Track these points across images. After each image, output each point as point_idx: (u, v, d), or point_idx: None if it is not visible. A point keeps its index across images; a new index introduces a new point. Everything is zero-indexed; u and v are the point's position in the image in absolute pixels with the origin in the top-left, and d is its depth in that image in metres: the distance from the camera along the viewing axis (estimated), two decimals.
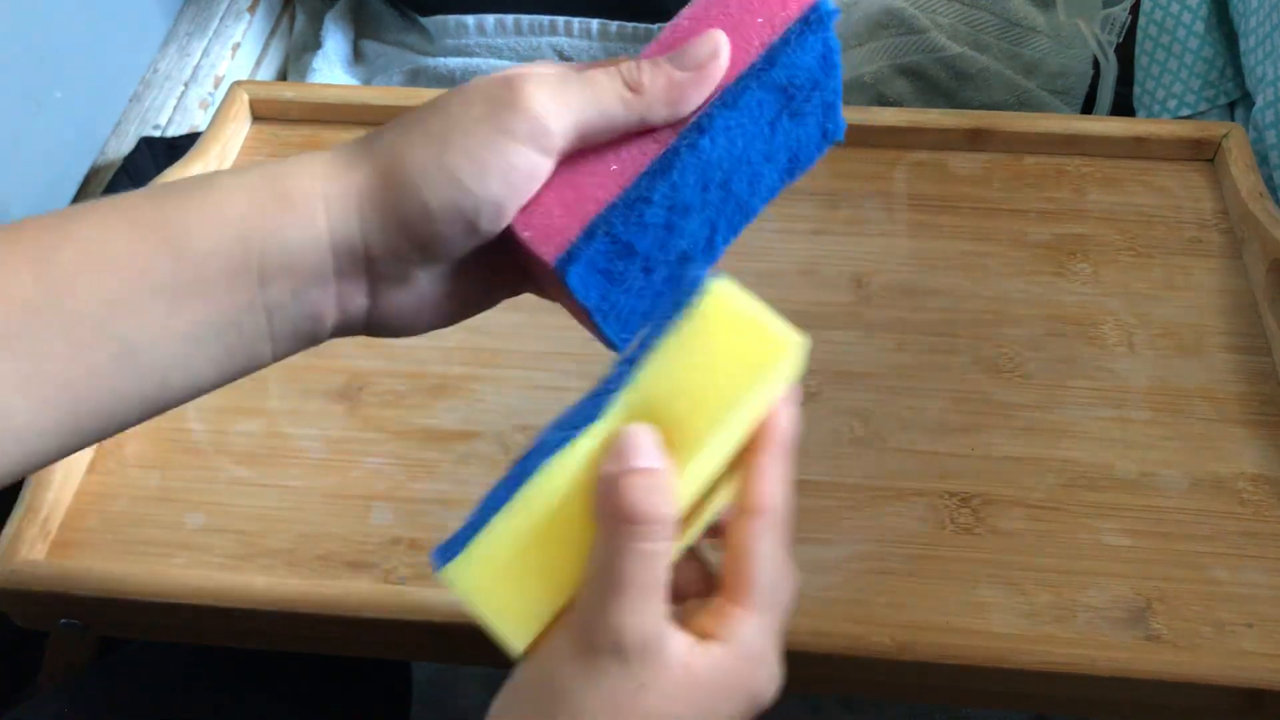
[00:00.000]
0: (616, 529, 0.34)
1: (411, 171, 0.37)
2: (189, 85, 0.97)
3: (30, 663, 0.65)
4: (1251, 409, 0.64)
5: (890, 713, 0.82)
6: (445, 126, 0.38)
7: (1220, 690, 0.53)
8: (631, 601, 0.34)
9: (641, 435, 0.36)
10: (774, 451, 0.38)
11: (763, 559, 0.37)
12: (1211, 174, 0.76)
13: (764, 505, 0.37)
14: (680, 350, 0.37)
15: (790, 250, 0.72)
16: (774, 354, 0.37)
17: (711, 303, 0.37)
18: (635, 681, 0.35)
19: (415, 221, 0.38)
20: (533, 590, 0.36)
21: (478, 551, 0.36)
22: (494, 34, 1.02)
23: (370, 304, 0.40)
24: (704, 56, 0.39)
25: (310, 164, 0.39)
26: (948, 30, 0.95)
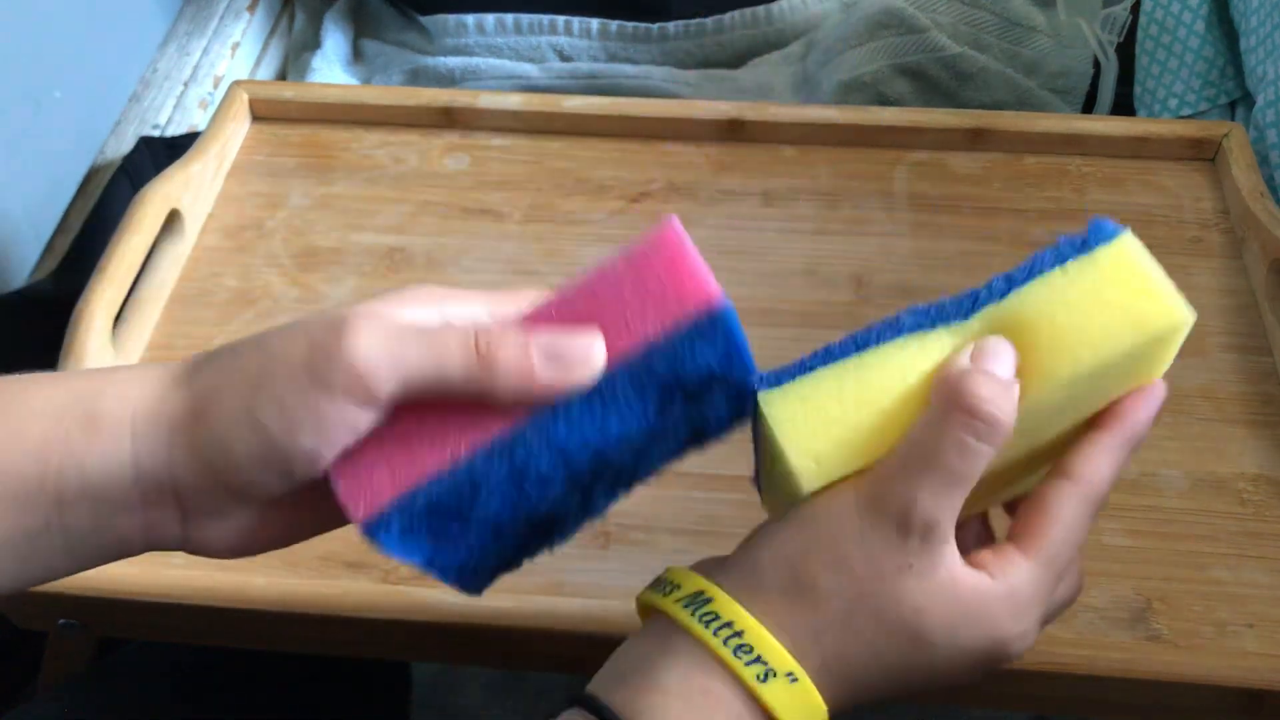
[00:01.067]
0: (951, 413, 0.35)
1: (221, 417, 0.36)
2: (188, 85, 0.97)
3: (29, 663, 0.65)
4: (1252, 409, 0.64)
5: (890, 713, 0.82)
6: (262, 368, 0.36)
7: (1221, 690, 0.53)
8: (937, 483, 0.35)
9: (1003, 346, 0.36)
10: (1117, 433, 0.37)
11: (1060, 520, 0.36)
12: (1212, 173, 0.76)
13: (1082, 474, 0.37)
14: (1066, 286, 0.36)
15: (790, 250, 0.72)
16: (1157, 319, 0.35)
17: (1112, 251, 0.36)
18: (905, 558, 0.35)
19: (223, 468, 0.36)
20: (839, 443, 0.36)
21: (801, 388, 0.36)
22: (494, 33, 1.02)
23: (182, 532, 0.38)
24: (574, 357, 0.36)
25: (125, 384, 0.37)
26: (948, 30, 0.95)
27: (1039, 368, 0.36)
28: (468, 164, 0.78)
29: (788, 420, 0.36)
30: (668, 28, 1.01)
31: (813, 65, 0.99)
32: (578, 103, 0.79)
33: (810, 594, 0.36)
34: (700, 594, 0.36)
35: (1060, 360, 0.35)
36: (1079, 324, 0.35)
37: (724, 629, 0.35)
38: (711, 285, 0.37)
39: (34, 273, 0.83)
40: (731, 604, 0.36)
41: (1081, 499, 0.37)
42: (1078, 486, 0.37)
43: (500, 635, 0.55)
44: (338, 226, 0.74)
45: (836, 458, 0.36)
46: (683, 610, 0.36)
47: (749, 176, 0.76)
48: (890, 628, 0.36)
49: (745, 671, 0.35)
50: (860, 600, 0.35)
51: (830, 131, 0.77)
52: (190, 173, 0.73)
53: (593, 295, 0.37)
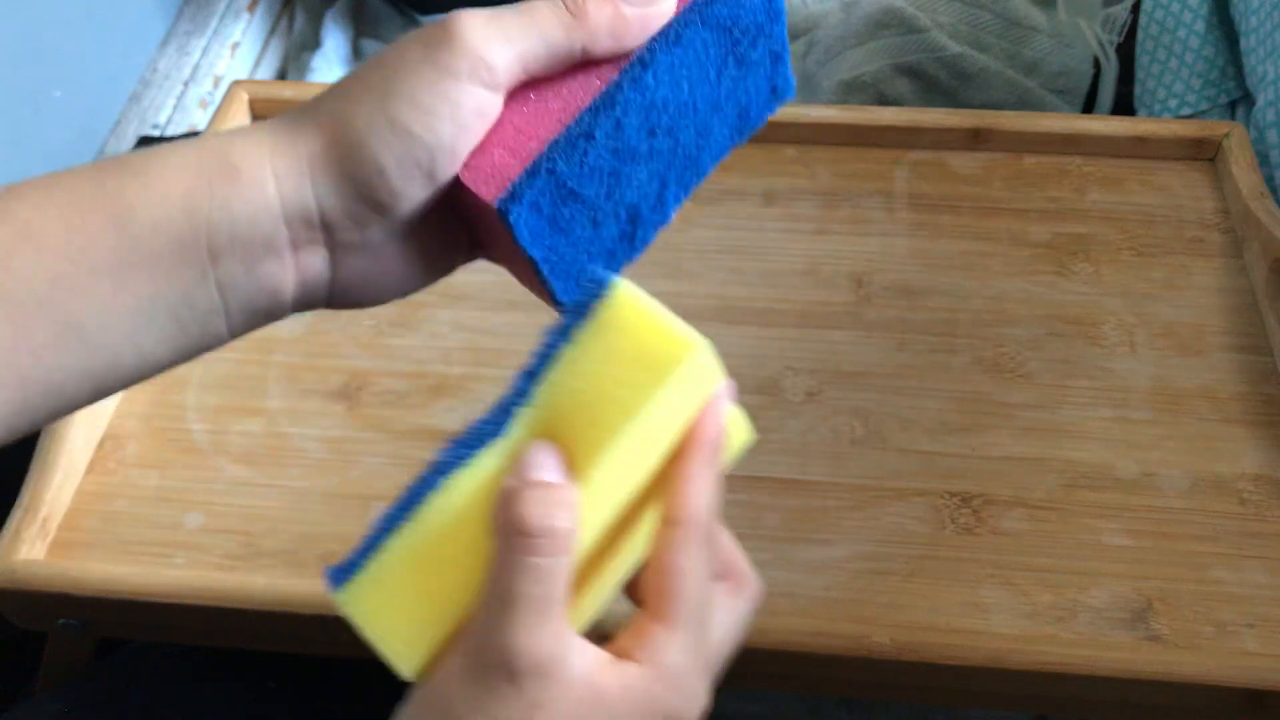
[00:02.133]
0: (510, 543, 0.33)
1: (358, 130, 0.36)
2: (188, 84, 0.97)
3: (29, 663, 0.65)
4: (1252, 409, 0.64)
5: (890, 713, 0.82)
6: (386, 76, 0.37)
7: (1221, 690, 0.53)
8: (524, 619, 0.33)
9: (539, 451, 0.34)
10: (696, 458, 0.36)
11: (684, 573, 0.35)
12: (1212, 173, 0.76)
13: (684, 515, 0.35)
14: (580, 359, 0.35)
15: (790, 250, 0.72)
16: (674, 358, 0.34)
17: (610, 308, 0.35)
18: (527, 702, 0.33)
19: (370, 180, 0.37)
20: (427, 613, 0.35)
21: (374, 573, 0.35)
22: None
23: (330, 273, 0.38)
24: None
25: (257, 133, 0.37)
26: (948, 30, 0.95)
27: (589, 447, 0.35)
28: None
29: (369, 614, 0.36)
30: None
31: (813, 65, 0.98)
32: None
33: None
34: None
35: (603, 434, 0.34)
36: (604, 392, 0.35)
37: None
38: None
39: None
40: None
41: (692, 541, 0.35)
42: (683, 529, 0.35)
43: None
44: None
45: (433, 629, 0.35)
46: None
47: (749, 176, 0.76)
48: None
49: None
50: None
51: (830, 131, 0.77)
52: None
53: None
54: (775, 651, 0.54)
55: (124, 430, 0.65)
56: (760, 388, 0.66)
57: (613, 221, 0.40)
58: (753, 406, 0.65)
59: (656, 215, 0.41)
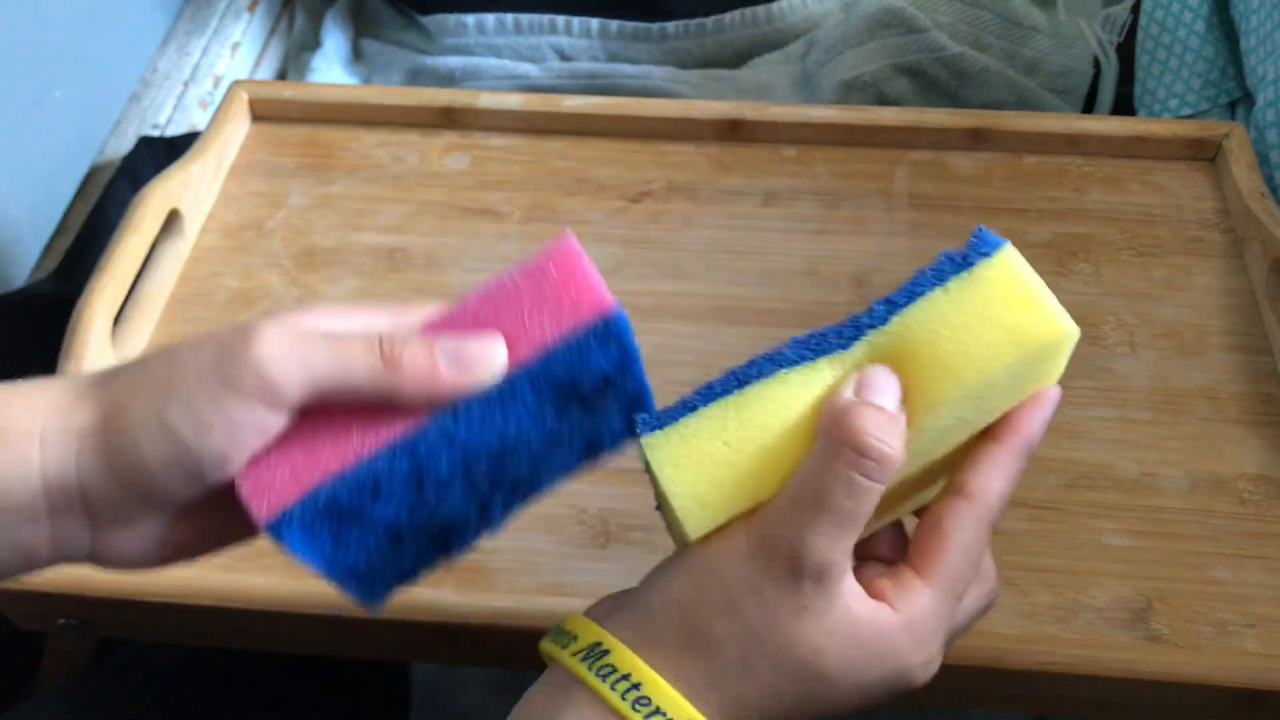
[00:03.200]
0: (838, 451, 0.34)
1: (131, 422, 0.36)
2: (188, 84, 0.97)
3: (29, 663, 0.65)
4: (1252, 409, 0.64)
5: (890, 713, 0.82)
6: (170, 374, 0.36)
7: (1221, 690, 0.53)
8: (827, 524, 0.34)
9: (885, 376, 0.35)
10: (1010, 445, 0.37)
11: (957, 542, 0.36)
12: (1213, 173, 0.76)
13: (976, 491, 0.36)
14: (947, 305, 0.35)
15: (790, 250, 0.72)
16: (1041, 335, 0.35)
17: (992, 268, 0.35)
18: (800, 601, 0.35)
19: (133, 474, 0.36)
20: (727, 486, 0.36)
21: (684, 429, 0.36)
22: (494, 33, 1.02)
23: (90, 543, 0.38)
24: (476, 357, 0.37)
25: (35, 396, 0.37)
26: (948, 29, 0.95)
27: (925, 391, 0.35)
28: (468, 164, 0.78)
29: (671, 463, 0.36)
30: (668, 27, 1.01)
31: (813, 65, 0.98)
32: (578, 103, 0.79)
33: (706, 642, 0.35)
34: (597, 645, 0.36)
35: (946, 383, 0.35)
36: (962, 345, 0.35)
37: (621, 681, 0.35)
38: (606, 294, 0.38)
39: (34, 273, 0.83)
40: (628, 656, 0.35)
41: (976, 517, 0.36)
42: (972, 504, 0.36)
43: (500, 635, 0.55)
44: (337, 226, 0.74)
45: (723, 499, 0.36)
46: (580, 664, 0.36)
47: (749, 176, 0.76)
48: (789, 670, 0.35)
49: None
50: (756, 646, 0.35)
51: (830, 131, 0.77)
52: (190, 173, 0.73)
53: (492, 304, 0.38)
54: None
55: None
56: None
57: (421, 538, 0.39)
58: None
59: (478, 529, 0.39)
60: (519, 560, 0.58)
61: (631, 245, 0.73)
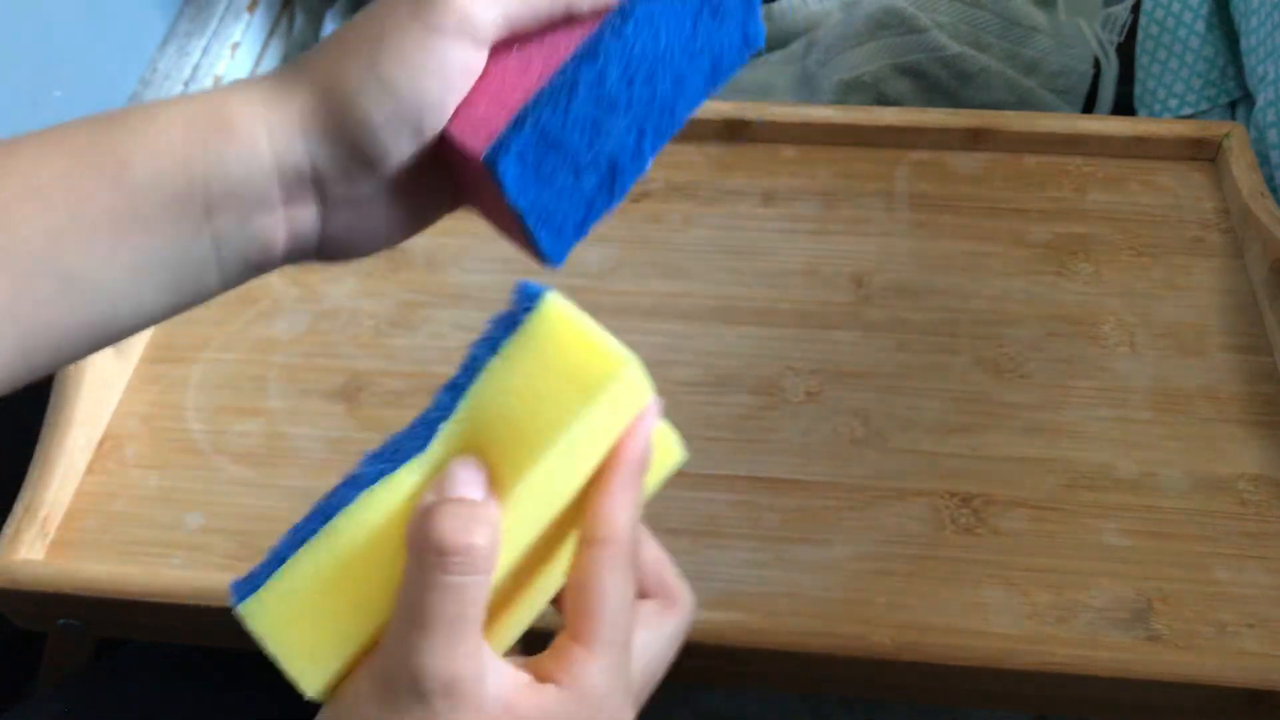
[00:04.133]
0: (423, 560, 0.32)
1: (348, 87, 0.37)
2: (188, 85, 0.97)
3: (29, 663, 0.65)
4: (1252, 409, 0.64)
5: (890, 713, 0.82)
6: (374, 33, 0.37)
7: (1221, 690, 0.53)
8: (436, 638, 0.32)
9: (461, 467, 0.34)
10: (619, 475, 0.35)
11: (605, 594, 0.34)
12: (1213, 173, 0.76)
13: (604, 534, 0.34)
14: (507, 372, 0.34)
15: (790, 250, 0.72)
16: (604, 375, 0.33)
17: (540, 321, 0.34)
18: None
19: (360, 136, 0.37)
20: (334, 631, 0.34)
21: (278, 586, 0.34)
22: None
23: (320, 227, 0.39)
24: None
25: (251, 89, 0.38)
26: (948, 30, 0.95)
27: (514, 464, 0.34)
28: None
29: (274, 628, 0.34)
30: None
31: (813, 65, 0.98)
32: None
33: None
34: None
35: (529, 449, 0.33)
36: (532, 407, 0.34)
37: None
38: None
39: None
40: None
41: (612, 560, 0.34)
42: (604, 549, 0.34)
43: None
44: None
45: (336, 646, 0.34)
46: None
47: (749, 176, 0.76)
48: None
49: None
50: None
51: (830, 131, 0.77)
52: None
53: None
54: (775, 651, 0.54)
55: (124, 430, 0.65)
56: (760, 388, 0.66)
57: (593, 171, 0.40)
58: (753, 406, 0.65)
59: (635, 164, 0.41)
60: None
61: (631, 245, 0.73)
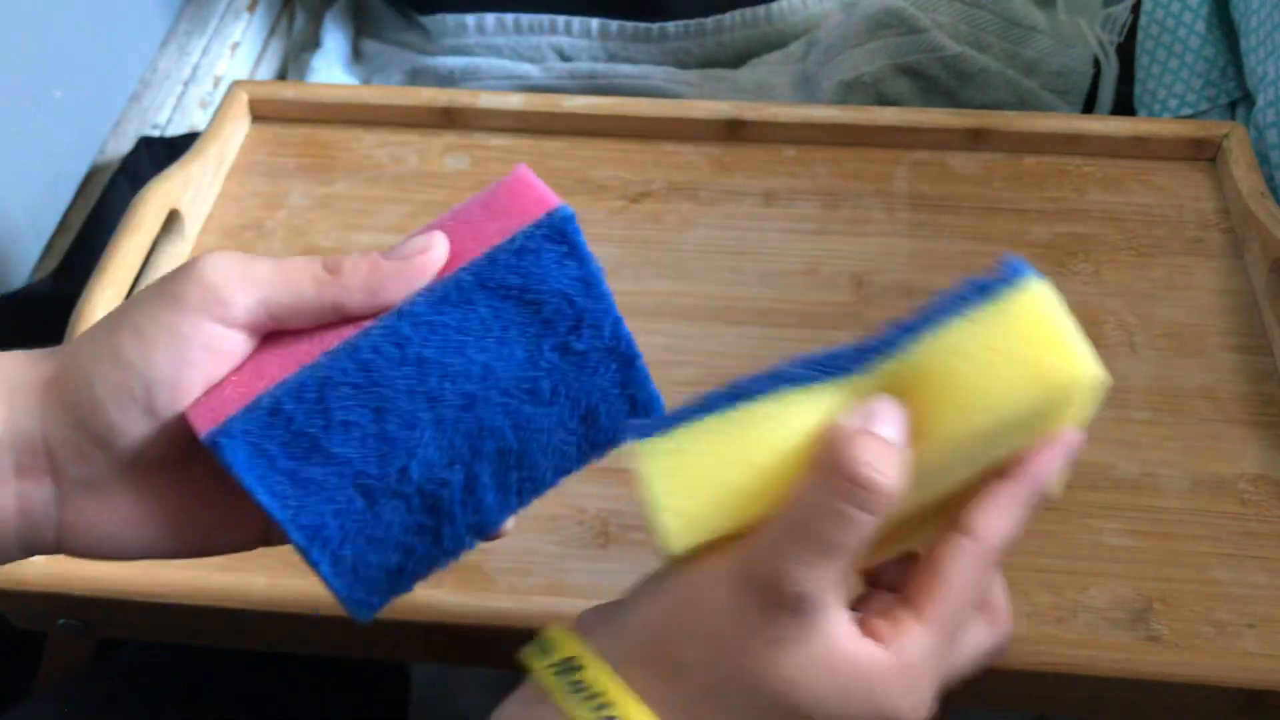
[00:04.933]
0: (830, 480, 0.32)
1: (83, 358, 0.36)
2: (188, 85, 0.97)
3: (29, 663, 0.65)
4: (1252, 409, 0.64)
5: None
6: (122, 309, 0.37)
7: (1221, 691, 0.53)
8: (810, 554, 0.32)
9: (891, 406, 0.34)
10: (1018, 485, 0.35)
11: (954, 582, 0.34)
12: (1213, 173, 0.76)
13: (977, 530, 0.35)
14: (967, 337, 0.33)
15: (790, 250, 0.72)
16: (1064, 378, 0.33)
17: (1020, 302, 0.33)
18: (775, 631, 0.33)
19: (89, 410, 0.36)
20: (714, 503, 0.34)
21: (677, 440, 0.34)
22: (494, 33, 1.02)
23: (58, 511, 0.37)
24: (414, 248, 0.37)
25: (4, 356, 0.38)
26: (948, 30, 0.95)
27: (934, 424, 0.33)
28: (468, 164, 0.78)
29: (659, 475, 0.34)
30: (668, 28, 1.01)
31: (813, 65, 0.98)
32: (578, 103, 0.79)
33: (679, 666, 0.34)
34: (571, 660, 0.35)
35: (957, 419, 0.33)
36: (979, 380, 0.33)
37: (590, 699, 0.34)
38: (554, 199, 0.37)
39: (34, 273, 0.83)
40: (600, 674, 0.34)
41: (976, 557, 0.35)
42: (974, 544, 0.35)
43: (500, 635, 0.55)
44: (338, 226, 0.74)
45: (711, 518, 0.34)
46: (553, 677, 0.35)
47: (749, 176, 0.76)
48: (763, 701, 0.34)
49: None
50: (730, 674, 0.34)
51: (830, 131, 0.77)
52: (190, 173, 0.73)
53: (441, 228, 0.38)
54: None
55: None
56: None
57: (399, 501, 0.37)
58: None
59: (468, 511, 0.38)
60: (519, 561, 0.58)
61: (631, 245, 0.73)
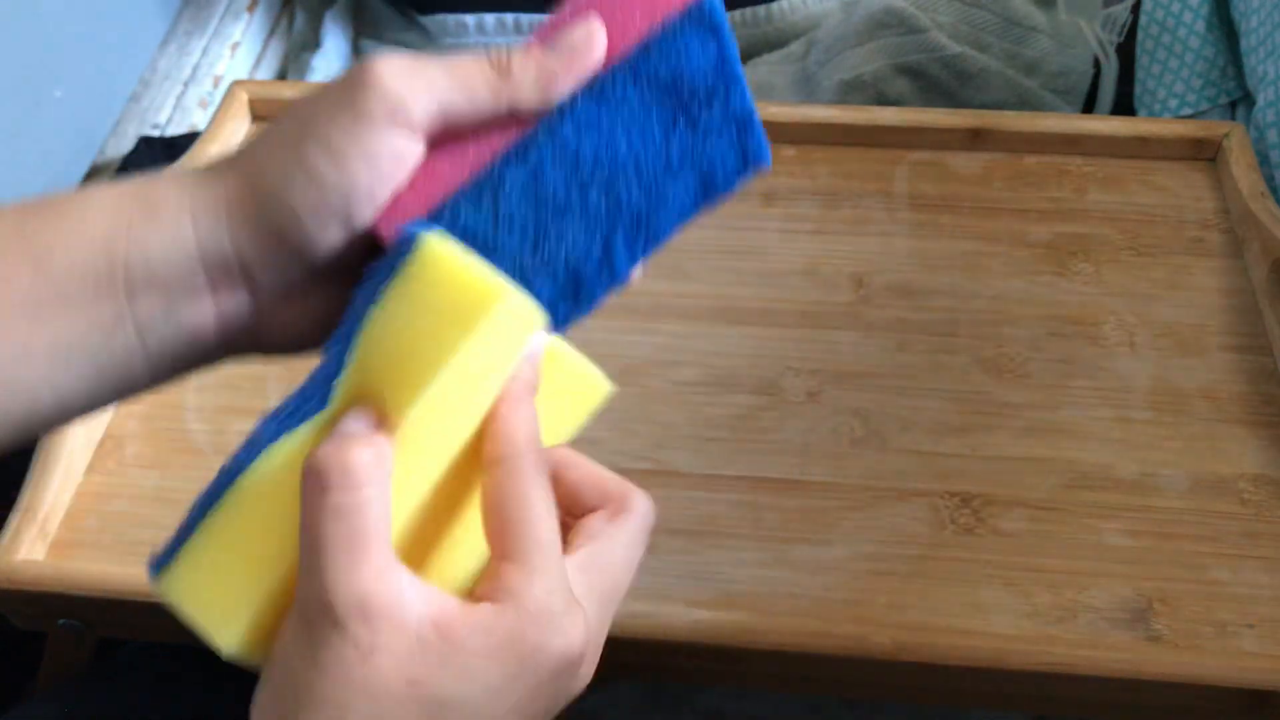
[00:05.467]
0: (308, 490, 0.32)
1: (272, 176, 0.36)
2: (188, 85, 0.97)
3: (29, 663, 0.65)
4: (1252, 409, 0.64)
5: (890, 713, 0.82)
6: (302, 120, 0.36)
7: (1221, 691, 0.53)
8: (334, 560, 0.31)
9: (349, 416, 0.34)
10: (506, 396, 0.35)
11: (518, 506, 0.33)
12: (1213, 173, 0.76)
13: (501, 450, 0.34)
14: (388, 317, 0.34)
15: (790, 250, 0.72)
16: (478, 308, 0.33)
17: (417, 263, 0.34)
18: (359, 648, 0.31)
19: (286, 227, 0.36)
20: (246, 588, 0.34)
21: (190, 556, 0.34)
22: (494, 33, 1.02)
23: (254, 317, 0.37)
24: (577, 42, 0.37)
25: (181, 176, 0.37)
26: (948, 30, 0.95)
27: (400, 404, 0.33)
28: None
29: (188, 594, 0.34)
30: None
31: (813, 65, 0.98)
32: None
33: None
34: None
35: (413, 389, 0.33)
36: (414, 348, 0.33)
37: None
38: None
39: None
40: None
41: (518, 472, 0.34)
42: (505, 464, 0.34)
43: None
44: None
45: (252, 604, 0.34)
46: None
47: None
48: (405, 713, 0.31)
49: None
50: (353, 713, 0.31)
51: (830, 131, 0.77)
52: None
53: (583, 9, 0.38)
54: (775, 651, 0.54)
55: (124, 430, 0.65)
56: (760, 388, 0.66)
57: (547, 278, 0.38)
58: (753, 406, 0.65)
59: (604, 276, 0.39)
60: None
61: None
